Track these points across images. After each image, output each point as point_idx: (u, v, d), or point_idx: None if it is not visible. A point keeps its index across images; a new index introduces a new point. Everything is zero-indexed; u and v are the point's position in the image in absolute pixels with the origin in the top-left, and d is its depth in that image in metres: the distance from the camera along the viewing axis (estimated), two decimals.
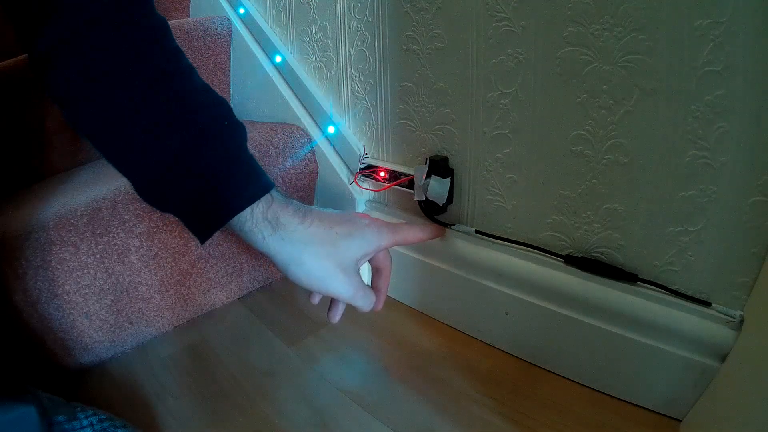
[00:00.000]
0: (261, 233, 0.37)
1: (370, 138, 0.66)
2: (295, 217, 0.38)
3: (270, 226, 0.37)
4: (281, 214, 0.37)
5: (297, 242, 0.38)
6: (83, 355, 0.56)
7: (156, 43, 0.36)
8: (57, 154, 0.68)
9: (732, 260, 0.40)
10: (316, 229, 0.39)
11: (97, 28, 0.33)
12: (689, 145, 0.39)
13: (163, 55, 0.36)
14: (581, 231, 0.48)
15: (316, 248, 0.39)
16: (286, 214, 0.38)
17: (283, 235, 0.37)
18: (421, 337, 0.60)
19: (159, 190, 0.36)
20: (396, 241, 0.45)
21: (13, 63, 0.64)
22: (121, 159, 0.36)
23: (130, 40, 0.34)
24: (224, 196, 0.36)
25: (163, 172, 0.35)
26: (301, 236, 0.38)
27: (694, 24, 0.36)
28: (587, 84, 0.43)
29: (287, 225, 0.37)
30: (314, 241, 0.38)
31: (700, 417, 0.42)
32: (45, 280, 0.51)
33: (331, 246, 0.39)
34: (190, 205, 0.36)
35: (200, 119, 0.36)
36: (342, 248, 0.40)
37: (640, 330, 0.45)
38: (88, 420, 0.40)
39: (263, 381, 0.54)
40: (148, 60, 0.35)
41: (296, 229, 0.38)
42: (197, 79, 0.38)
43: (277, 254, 0.38)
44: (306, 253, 0.38)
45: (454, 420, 0.47)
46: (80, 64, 0.33)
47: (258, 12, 0.80)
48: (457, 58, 0.52)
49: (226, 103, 0.39)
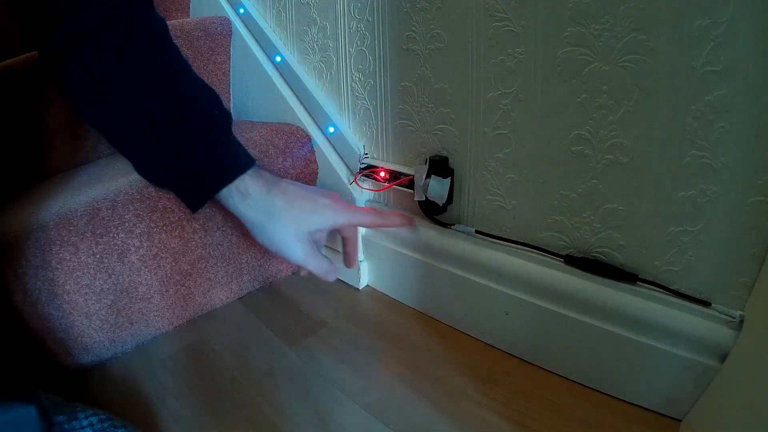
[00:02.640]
0: (233, 200, 0.44)
1: (370, 138, 0.66)
2: (263, 188, 0.45)
3: (241, 195, 0.44)
4: (251, 186, 0.44)
5: (262, 210, 0.45)
6: (83, 355, 0.56)
7: (158, 42, 0.42)
8: (57, 154, 0.68)
9: (732, 260, 0.40)
10: (279, 201, 0.45)
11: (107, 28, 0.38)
12: (689, 145, 0.39)
13: (164, 52, 0.42)
14: (581, 231, 0.48)
15: (277, 217, 0.45)
16: (256, 186, 0.44)
17: (251, 203, 0.44)
18: (421, 337, 0.60)
19: (158, 169, 0.43)
20: (351, 222, 0.51)
21: (13, 63, 0.64)
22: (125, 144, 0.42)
23: (135, 40, 0.40)
24: (212, 173, 0.43)
25: (162, 154, 0.42)
26: (266, 206, 0.45)
27: (694, 24, 0.36)
28: (587, 84, 0.43)
29: (255, 195, 0.44)
30: (276, 210, 0.45)
31: (700, 417, 0.42)
32: (45, 280, 0.51)
33: (291, 217, 0.46)
34: (183, 181, 0.43)
35: (195, 109, 0.42)
36: (300, 220, 0.46)
37: (640, 330, 0.45)
38: (88, 420, 0.40)
39: (263, 381, 0.54)
40: (151, 58, 0.41)
41: (263, 199, 0.45)
42: (192, 74, 0.44)
43: (245, 218, 0.45)
44: (268, 220, 0.45)
45: (454, 420, 0.47)
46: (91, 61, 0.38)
47: (258, 12, 0.80)
48: (457, 58, 0.52)
49: (216, 94, 0.45)
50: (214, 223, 0.64)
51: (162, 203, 0.59)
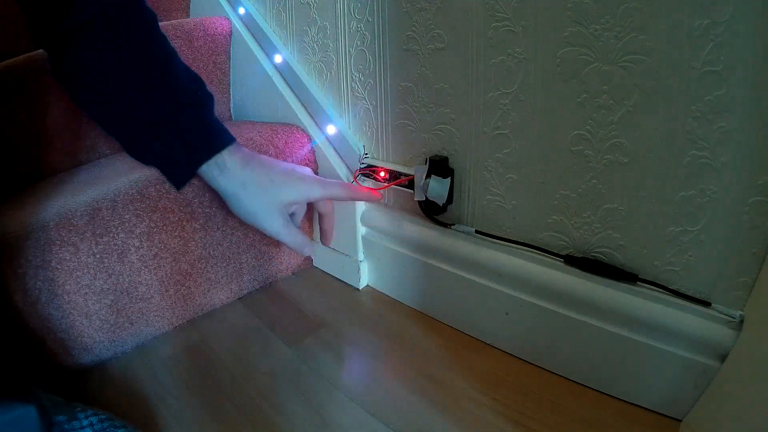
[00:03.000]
0: (212, 174, 0.47)
1: (370, 138, 0.66)
2: (240, 162, 0.48)
3: (219, 169, 0.47)
4: (228, 160, 0.47)
5: (237, 183, 0.47)
6: (83, 355, 0.56)
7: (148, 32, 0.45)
8: (57, 154, 0.68)
9: (732, 260, 0.40)
10: (254, 174, 0.48)
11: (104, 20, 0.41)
12: (689, 145, 0.39)
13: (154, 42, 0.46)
14: (581, 231, 0.48)
15: (252, 189, 0.48)
16: (233, 160, 0.47)
17: (228, 176, 0.47)
18: (421, 337, 0.60)
19: (145, 148, 0.46)
20: (324, 195, 0.53)
21: (13, 63, 0.64)
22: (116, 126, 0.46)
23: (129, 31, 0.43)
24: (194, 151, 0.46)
25: (149, 135, 0.45)
26: (241, 178, 0.47)
27: (694, 24, 0.36)
28: (587, 84, 0.43)
29: (231, 169, 0.47)
30: (251, 183, 0.48)
31: (700, 417, 0.42)
32: (45, 280, 0.51)
33: (265, 189, 0.48)
34: (168, 158, 0.46)
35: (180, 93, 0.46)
36: (274, 192, 0.49)
37: (640, 330, 0.45)
38: (88, 420, 0.40)
39: (263, 381, 0.54)
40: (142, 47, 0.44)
41: (239, 172, 0.47)
42: (178, 61, 0.47)
43: (223, 191, 0.48)
44: (243, 191, 0.48)
45: (454, 420, 0.47)
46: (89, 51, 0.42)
47: (258, 12, 0.80)
48: (457, 58, 0.52)
49: (199, 77, 0.49)
50: (214, 223, 0.64)
51: (162, 203, 0.59)
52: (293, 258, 0.75)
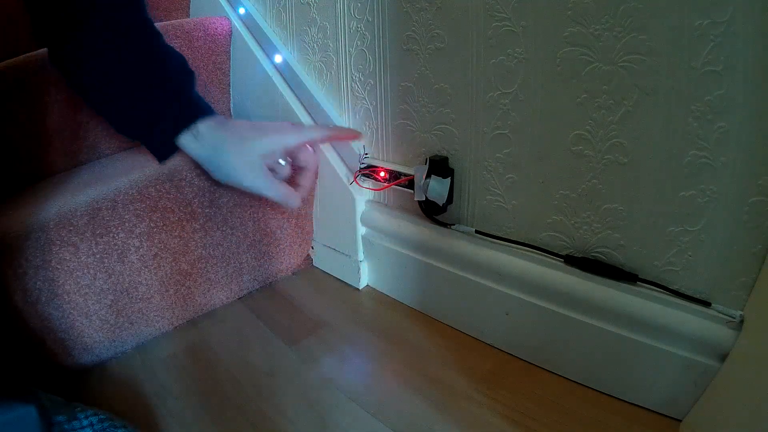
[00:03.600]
0: (189, 143, 0.49)
1: (370, 138, 0.66)
2: (212, 128, 0.49)
3: (192, 136, 0.48)
4: (202, 126, 0.49)
5: (210, 146, 0.49)
6: (83, 355, 0.56)
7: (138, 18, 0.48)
8: (57, 154, 0.68)
9: (732, 260, 0.40)
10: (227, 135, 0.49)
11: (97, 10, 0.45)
12: (689, 145, 0.39)
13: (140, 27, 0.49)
14: (581, 231, 0.48)
15: (226, 149, 0.49)
16: (207, 126, 0.49)
17: (202, 142, 0.49)
18: (421, 337, 0.60)
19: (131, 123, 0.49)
20: (300, 140, 0.52)
21: (13, 63, 0.64)
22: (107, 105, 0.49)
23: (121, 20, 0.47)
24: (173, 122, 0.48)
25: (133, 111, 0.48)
26: (214, 141, 0.49)
27: (694, 24, 0.36)
28: (587, 84, 0.43)
29: (205, 134, 0.49)
30: (223, 143, 0.49)
31: (700, 417, 0.42)
32: (45, 280, 0.51)
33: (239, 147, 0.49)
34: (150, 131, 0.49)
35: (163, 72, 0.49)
36: (248, 148, 0.49)
37: (640, 330, 0.45)
38: (88, 420, 0.40)
39: (263, 381, 0.54)
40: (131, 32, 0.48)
41: (211, 136, 0.49)
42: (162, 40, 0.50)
43: (197, 156, 0.49)
44: (217, 153, 0.49)
45: (454, 420, 0.47)
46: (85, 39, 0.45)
47: (258, 12, 0.80)
48: (457, 58, 0.52)
49: (182, 56, 0.51)
50: (214, 223, 0.64)
51: (162, 203, 0.59)
52: (293, 258, 0.75)
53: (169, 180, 0.59)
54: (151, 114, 0.48)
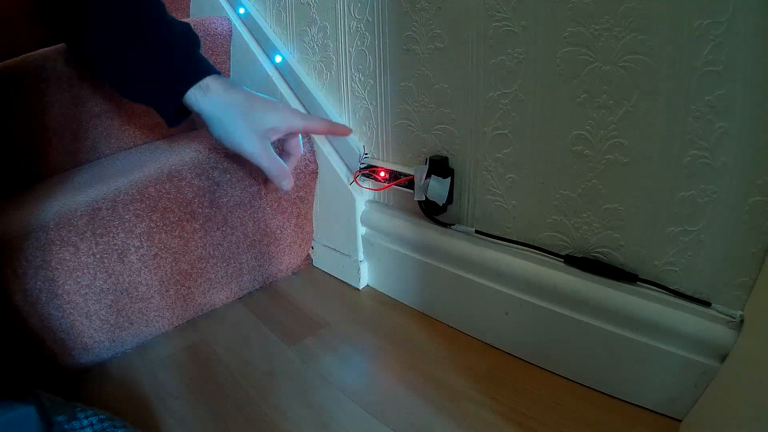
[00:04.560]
0: (196, 98, 0.49)
1: (370, 138, 0.66)
2: (222, 86, 0.49)
3: (201, 91, 0.49)
4: (211, 83, 0.49)
5: (219, 105, 0.49)
6: (83, 355, 0.56)
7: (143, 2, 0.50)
8: (57, 154, 0.68)
9: (732, 260, 0.40)
10: (237, 97, 0.49)
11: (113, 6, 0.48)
12: (689, 145, 0.39)
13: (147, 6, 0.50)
14: (581, 231, 0.48)
15: (234, 110, 0.49)
16: (216, 84, 0.49)
17: (211, 98, 0.49)
18: (421, 337, 0.60)
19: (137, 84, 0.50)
20: (305, 126, 0.53)
21: (13, 62, 0.64)
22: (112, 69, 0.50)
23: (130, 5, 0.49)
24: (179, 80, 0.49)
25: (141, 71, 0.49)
26: (224, 100, 0.49)
27: (694, 24, 0.36)
28: (587, 84, 0.43)
29: (215, 91, 0.49)
30: (234, 105, 0.49)
31: (700, 417, 0.42)
32: (45, 280, 0.51)
33: (248, 112, 0.49)
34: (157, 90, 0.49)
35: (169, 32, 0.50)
36: (257, 116, 0.49)
37: (640, 330, 0.45)
38: (88, 420, 0.40)
39: (263, 381, 0.54)
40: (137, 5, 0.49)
41: (221, 95, 0.49)
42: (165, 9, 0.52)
43: (205, 113, 0.49)
44: (225, 113, 0.49)
45: (454, 420, 0.47)
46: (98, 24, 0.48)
47: (258, 12, 0.80)
48: (457, 58, 0.52)
49: (187, 23, 0.53)
50: (214, 223, 0.64)
51: (162, 203, 0.59)
52: (293, 258, 0.75)
53: (169, 180, 0.59)
54: (157, 72, 0.49)
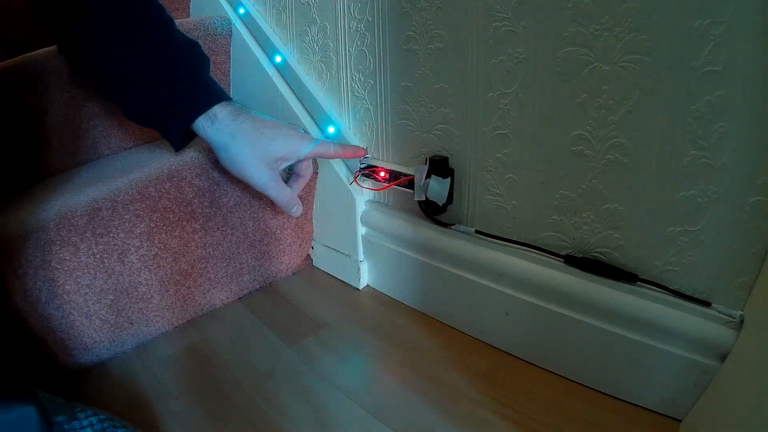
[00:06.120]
0: (204, 126, 0.48)
1: (370, 138, 0.66)
2: (230, 115, 0.49)
3: (209, 120, 0.48)
4: (219, 112, 0.48)
5: (227, 134, 0.48)
6: (83, 355, 0.56)
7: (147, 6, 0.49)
8: (57, 154, 0.68)
9: (732, 260, 0.40)
10: (245, 125, 0.49)
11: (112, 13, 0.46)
12: (689, 145, 0.39)
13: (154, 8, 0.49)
14: (581, 231, 0.48)
15: (242, 140, 0.48)
16: (224, 112, 0.49)
17: (219, 126, 0.48)
18: (421, 337, 0.60)
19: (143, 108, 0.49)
20: (315, 153, 0.53)
21: (13, 62, 0.64)
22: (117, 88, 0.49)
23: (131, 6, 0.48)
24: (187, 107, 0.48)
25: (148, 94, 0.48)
26: (231, 129, 0.48)
27: (694, 24, 0.36)
28: (587, 84, 0.43)
29: (222, 120, 0.48)
30: (242, 134, 0.48)
31: (700, 417, 0.42)
32: (45, 280, 0.51)
33: (256, 140, 0.49)
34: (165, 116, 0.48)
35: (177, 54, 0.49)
36: (265, 145, 0.49)
37: (640, 330, 0.45)
38: (88, 420, 0.40)
39: (263, 381, 0.54)
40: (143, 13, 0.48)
41: (229, 124, 0.48)
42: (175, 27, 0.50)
43: (213, 142, 0.49)
44: (233, 142, 0.48)
45: (454, 420, 0.47)
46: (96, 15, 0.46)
47: (258, 12, 0.80)
48: (457, 58, 0.52)
49: (197, 42, 0.51)
50: (214, 223, 0.64)
51: (162, 203, 0.59)
52: (293, 258, 0.75)
53: (169, 180, 0.59)
54: (164, 98, 0.48)
